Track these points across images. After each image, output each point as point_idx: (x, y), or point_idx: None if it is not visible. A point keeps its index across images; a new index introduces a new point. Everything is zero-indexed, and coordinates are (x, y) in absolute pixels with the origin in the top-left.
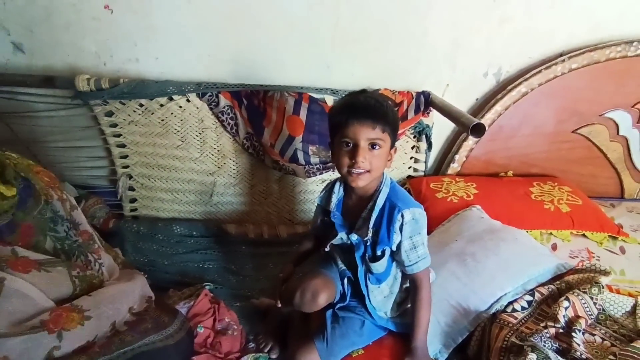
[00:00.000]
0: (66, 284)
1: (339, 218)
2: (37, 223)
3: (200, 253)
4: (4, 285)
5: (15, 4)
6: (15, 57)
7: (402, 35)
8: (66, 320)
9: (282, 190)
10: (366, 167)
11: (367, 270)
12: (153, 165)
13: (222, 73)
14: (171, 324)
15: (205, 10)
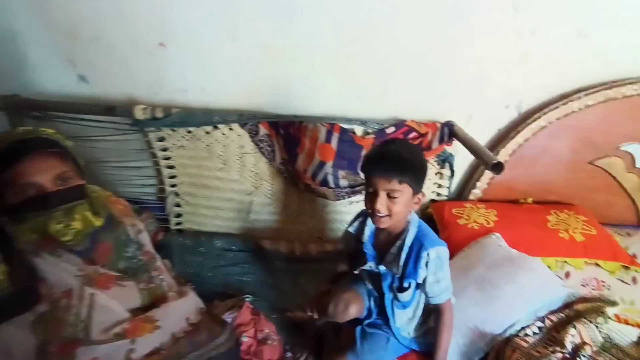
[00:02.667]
0: (136, 296)
1: (370, 249)
2: (115, 244)
3: (239, 266)
4: (95, 300)
5: (82, 41)
6: (79, 87)
7: (431, 69)
8: (141, 329)
9: (313, 211)
10: (384, 212)
11: (394, 297)
12: (197, 185)
13: (261, 103)
14: (222, 334)
15: (248, 46)
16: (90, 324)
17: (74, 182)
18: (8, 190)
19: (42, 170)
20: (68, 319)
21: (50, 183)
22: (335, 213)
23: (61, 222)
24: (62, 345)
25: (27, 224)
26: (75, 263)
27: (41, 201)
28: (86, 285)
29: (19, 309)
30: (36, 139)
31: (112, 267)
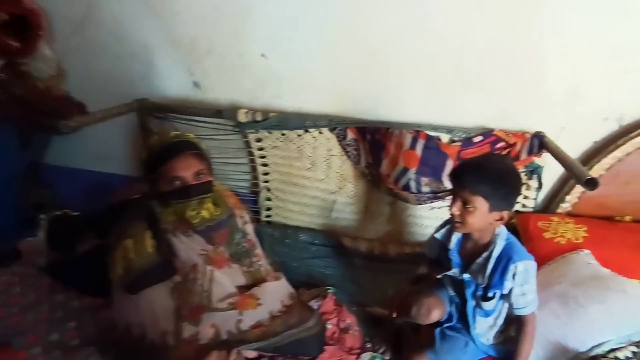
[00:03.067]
0: (241, 277)
1: (456, 257)
2: (230, 231)
3: (321, 260)
4: (213, 275)
5: (199, 53)
6: (194, 92)
7: (520, 80)
8: (247, 303)
9: (393, 213)
10: (457, 218)
11: (477, 305)
12: (287, 182)
13: (351, 109)
14: (311, 319)
15: (342, 55)
16: (211, 294)
17: (206, 178)
18: (161, 181)
19: (187, 167)
20: (195, 289)
21: (191, 177)
22: (415, 217)
23: (194, 209)
24: (192, 310)
25: (170, 208)
26: (199, 243)
27: (184, 191)
28: (207, 263)
29: (164, 276)
30: (184, 142)
31: (227, 249)
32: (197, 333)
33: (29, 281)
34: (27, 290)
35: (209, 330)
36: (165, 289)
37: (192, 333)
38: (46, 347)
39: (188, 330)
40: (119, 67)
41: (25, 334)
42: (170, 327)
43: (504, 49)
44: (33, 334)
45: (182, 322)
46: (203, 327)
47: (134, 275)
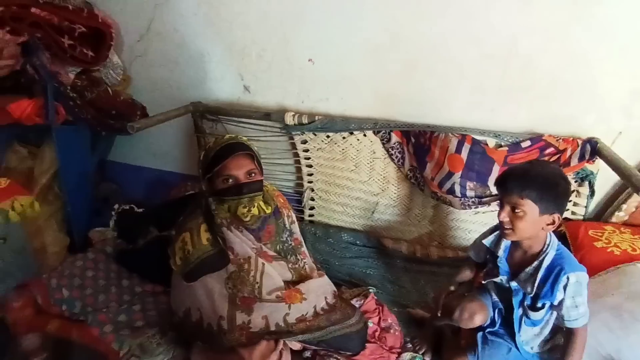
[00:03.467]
0: (287, 272)
1: (504, 264)
2: (276, 228)
3: (363, 260)
4: (264, 268)
5: (250, 58)
6: (244, 95)
7: (570, 84)
8: (293, 297)
9: (436, 216)
10: (507, 224)
11: (524, 313)
12: (330, 183)
13: (395, 112)
14: (353, 316)
15: (386, 60)
16: (261, 286)
17: (257, 178)
18: (216, 179)
19: (240, 166)
20: (248, 279)
21: (244, 176)
22: (459, 221)
23: (246, 206)
24: (244, 299)
25: (224, 204)
26: (250, 239)
27: (237, 189)
28: (258, 256)
29: (218, 266)
30: (237, 144)
31: (272, 247)
32: (249, 322)
33: (100, 267)
34: (98, 274)
35: (260, 321)
36: (221, 278)
37: (244, 321)
38: (115, 326)
39: (241, 318)
40: (177, 72)
41: (97, 313)
42: (224, 313)
43: (553, 52)
44: (104, 313)
45: (236, 310)
46: (254, 316)
47: (190, 265)
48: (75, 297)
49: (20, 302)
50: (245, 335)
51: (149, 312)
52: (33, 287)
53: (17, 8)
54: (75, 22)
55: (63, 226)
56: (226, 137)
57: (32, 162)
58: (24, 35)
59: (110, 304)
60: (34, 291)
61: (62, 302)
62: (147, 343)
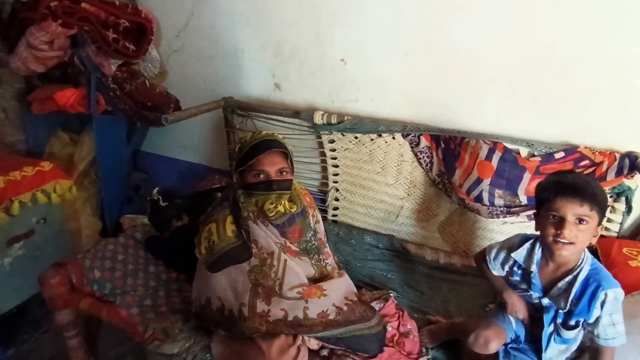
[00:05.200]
0: (310, 268)
1: (538, 280)
2: (302, 227)
3: (384, 263)
4: (287, 264)
5: (282, 56)
6: (275, 93)
7: (609, 95)
8: (313, 293)
9: (462, 224)
10: (572, 239)
11: (555, 330)
12: (356, 184)
13: (424, 116)
14: (372, 318)
15: (418, 64)
16: (282, 282)
17: (288, 177)
18: (248, 173)
19: (272, 163)
20: (270, 274)
21: (275, 173)
22: (486, 230)
23: (273, 203)
24: (265, 291)
25: (253, 198)
26: (275, 233)
27: (267, 185)
28: (282, 251)
29: (241, 258)
30: (273, 140)
31: (298, 246)
32: (269, 311)
33: (129, 252)
34: (127, 259)
35: (279, 312)
36: (244, 270)
37: (264, 309)
38: (141, 310)
39: (261, 307)
40: (211, 68)
41: (125, 296)
42: (246, 300)
43: (592, 61)
44: (131, 296)
45: (257, 299)
46: (273, 307)
47: (215, 256)
48: (105, 278)
49: (56, 279)
50: (265, 325)
51: (173, 298)
52: (69, 265)
53: (69, 2)
54: (120, 17)
55: (97, 211)
56: (263, 133)
57: (73, 148)
58: (73, 28)
59: (137, 287)
60: (69, 270)
61: (93, 282)
62: (170, 328)
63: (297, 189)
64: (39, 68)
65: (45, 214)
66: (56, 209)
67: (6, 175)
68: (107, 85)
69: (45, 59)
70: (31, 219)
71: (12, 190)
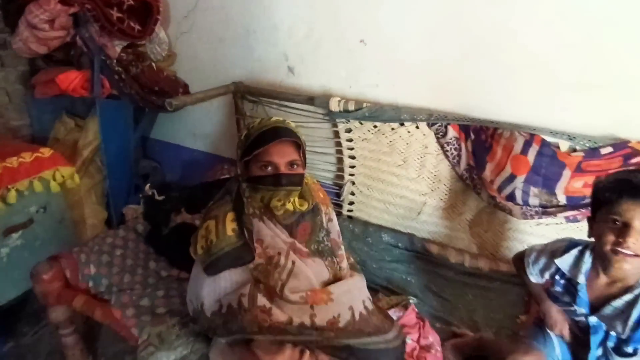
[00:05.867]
0: (324, 270)
1: (585, 294)
2: (313, 226)
3: (404, 264)
4: (295, 266)
5: (296, 38)
6: (288, 77)
7: None
8: (318, 299)
9: (491, 224)
10: (637, 250)
11: (605, 356)
12: (374, 178)
13: (451, 103)
14: (390, 331)
15: (445, 45)
16: (285, 286)
17: (299, 170)
18: (254, 164)
19: (282, 154)
20: (273, 274)
21: (284, 166)
22: (517, 232)
23: (280, 200)
24: (267, 288)
25: (259, 193)
26: (284, 233)
27: (275, 179)
28: (291, 251)
29: (243, 260)
30: (284, 129)
31: (307, 246)
32: (270, 309)
33: (129, 246)
34: (126, 253)
35: (282, 315)
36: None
37: (265, 305)
38: (137, 310)
39: (262, 301)
40: (221, 50)
41: (122, 294)
42: (246, 291)
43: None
44: (128, 295)
45: (258, 292)
46: (275, 307)
47: (212, 257)
48: (102, 274)
49: (49, 275)
50: (268, 323)
51: (172, 298)
52: (63, 260)
53: None
54: None
55: (102, 199)
56: (273, 120)
57: (78, 133)
58: (74, 6)
59: (135, 285)
60: (63, 264)
61: (89, 279)
62: (166, 333)
63: (309, 183)
64: (40, 49)
65: (45, 202)
66: (57, 198)
67: (2, 162)
68: (111, 68)
69: (47, 39)
70: (30, 207)
71: (8, 178)
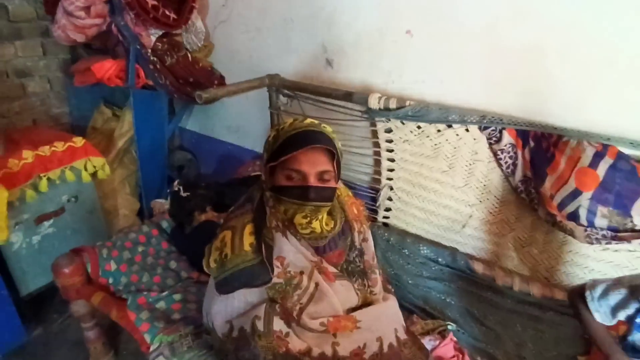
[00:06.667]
0: (353, 294)
1: None
2: (345, 250)
3: (443, 283)
4: (318, 290)
5: (337, 27)
6: (326, 70)
7: None
8: (341, 326)
9: (547, 244)
10: None
11: None
12: (414, 183)
13: (507, 104)
14: None
15: (505, 38)
16: (304, 310)
17: (331, 184)
18: (280, 171)
19: (314, 163)
20: (292, 296)
21: (313, 177)
22: (578, 255)
23: (307, 216)
24: (284, 310)
25: (283, 205)
26: (309, 249)
27: (302, 192)
28: (316, 272)
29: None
30: (320, 133)
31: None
32: (287, 334)
33: (152, 242)
34: (148, 251)
35: (300, 343)
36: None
37: (282, 330)
38: (152, 314)
39: (278, 324)
40: (258, 41)
41: (138, 295)
42: (261, 313)
43: None
44: (144, 297)
45: (274, 315)
46: (293, 333)
47: (225, 273)
48: (121, 271)
49: (70, 269)
50: (285, 349)
51: (189, 304)
52: (85, 254)
53: None
54: None
55: (136, 190)
56: (307, 122)
57: (115, 123)
58: None
59: (152, 286)
60: (85, 258)
61: (109, 275)
62: (177, 344)
63: (343, 197)
64: (79, 37)
65: (77, 192)
66: (88, 188)
67: (35, 150)
68: (146, 58)
69: (84, 27)
70: (61, 196)
71: (40, 166)
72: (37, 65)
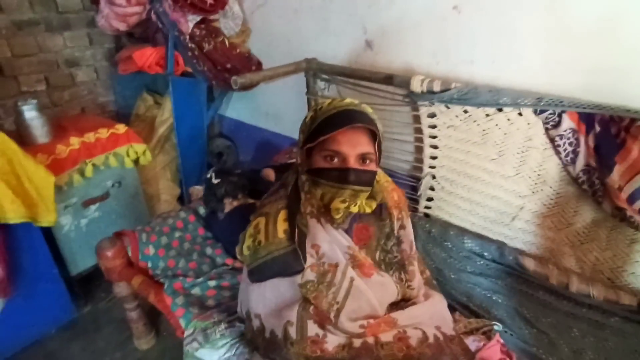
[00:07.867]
0: (392, 288)
1: None
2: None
3: (489, 280)
4: (352, 286)
5: (378, 6)
6: (365, 52)
7: None
8: (381, 330)
9: (611, 241)
10: None
11: None
12: (459, 172)
13: (570, 86)
14: None
15: (570, 12)
16: (342, 310)
17: (371, 167)
18: (317, 153)
19: (353, 143)
20: (327, 295)
21: (353, 159)
22: None
23: (345, 201)
24: (318, 313)
25: (320, 189)
26: (346, 238)
27: (341, 174)
28: (351, 265)
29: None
30: (361, 113)
31: (369, 253)
32: (324, 337)
33: (189, 228)
34: (185, 236)
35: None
36: (294, 282)
37: (317, 334)
38: (187, 300)
39: (313, 329)
40: (295, 24)
41: (174, 280)
42: (294, 318)
43: None
44: (180, 282)
45: (308, 319)
46: (330, 336)
47: (259, 261)
48: (160, 256)
49: (112, 252)
50: (320, 351)
51: (223, 291)
52: (126, 237)
53: None
54: None
55: (176, 176)
56: (346, 101)
57: (157, 110)
58: None
59: (188, 271)
60: (125, 242)
61: (148, 259)
62: (211, 331)
63: (382, 182)
64: (121, 26)
65: (120, 177)
66: (130, 173)
67: (81, 137)
68: (184, 44)
69: (126, 15)
70: (106, 182)
71: (86, 153)
72: (84, 55)
